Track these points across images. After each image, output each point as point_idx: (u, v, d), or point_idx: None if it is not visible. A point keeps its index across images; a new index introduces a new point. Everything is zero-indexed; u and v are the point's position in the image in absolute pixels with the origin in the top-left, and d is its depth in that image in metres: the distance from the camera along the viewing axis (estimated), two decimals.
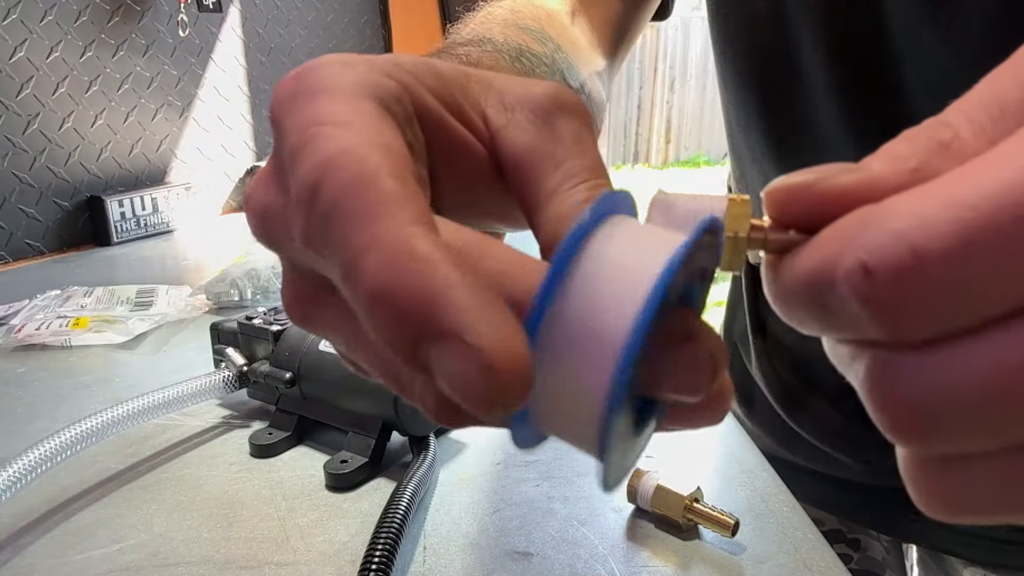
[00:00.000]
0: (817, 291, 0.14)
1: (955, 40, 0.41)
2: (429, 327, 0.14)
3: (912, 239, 0.13)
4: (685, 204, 0.17)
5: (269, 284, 0.82)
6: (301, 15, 1.46)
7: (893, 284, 0.13)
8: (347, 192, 0.15)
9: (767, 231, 0.16)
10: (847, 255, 0.13)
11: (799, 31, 0.47)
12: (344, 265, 0.15)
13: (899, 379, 0.14)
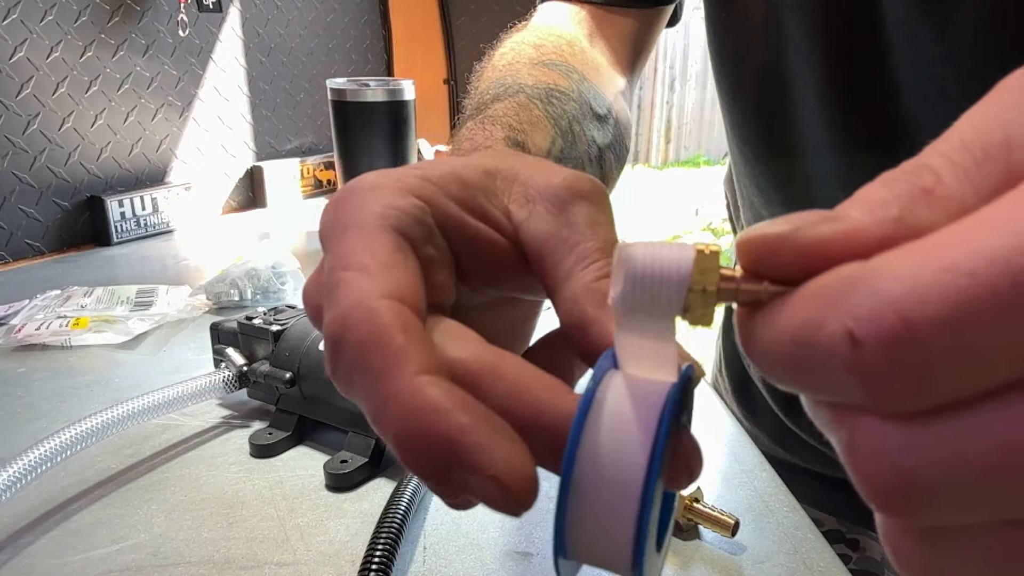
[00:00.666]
0: (798, 353, 0.14)
1: (950, 40, 0.41)
2: (451, 464, 0.16)
3: (904, 306, 0.12)
4: (649, 262, 0.16)
5: (269, 284, 0.82)
6: (301, 15, 1.46)
7: (883, 355, 0.12)
8: (363, 349, 0.18)
9: (738, 282, 0.15)
10: (832, 319, 0.13)
11: (794, 33, 0.48)
12: (371, 412, 0.18)
13: (887, 450, 0.13)
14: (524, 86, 0.41)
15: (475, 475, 0.16)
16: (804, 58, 0.48)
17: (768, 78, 0.51)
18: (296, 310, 0.58)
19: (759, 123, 0.54)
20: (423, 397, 0.17)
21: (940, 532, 0.14)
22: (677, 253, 0.16)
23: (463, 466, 0.16)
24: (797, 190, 0.53)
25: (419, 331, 0.18)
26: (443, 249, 0.22)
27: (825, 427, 0.15)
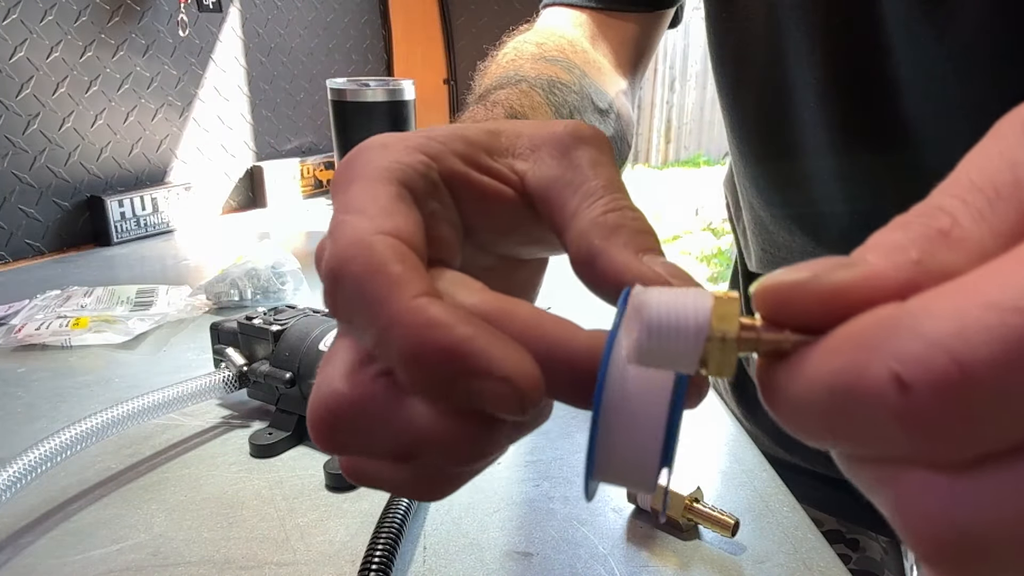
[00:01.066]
0: (837, 402, 0.13)
1: (950, 41, 0.41)
2: (458, 372, 0.17)
3: (953, 347, 0.11)
4: (664, 310, 0.15)
5: (269, 284, 0.82)
6: (301, 15, 1.46)
7: (934, 400, 0.11)
8: (362, 280, 0.18)
9: (759, 331, 0.15)
10: (875, 364, 0.12)
11: (794, 34, 0.48)
12: (375, 338, 0.18)
13: (942, 507, 0.12)
14: (526, 77, 0.41)
15: (482, 379, 0.17)
16: (804, 58, 0.48)
17: (768, 78, 0.51)
18: (296, 310, 0.58)
19: (759, 123, 0.54)
20: (425, 314, 0.17)
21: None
22: (694, 300, 0.15)
23: (470, 372, 0.17)
24: (797, 190, 0.53)
25: (416, 263, 0.19)
26: (448, 206, 0.22)
27: (866, 487, 0.14)
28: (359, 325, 0.18)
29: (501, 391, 0.17)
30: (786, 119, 0.51)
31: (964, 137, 0.48)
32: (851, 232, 0.52)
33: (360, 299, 0.18)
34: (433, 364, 0.17)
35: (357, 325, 0.18)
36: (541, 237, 0.24)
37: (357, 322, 0.18)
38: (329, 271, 0.19)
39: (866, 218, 0.50)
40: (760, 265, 0.61)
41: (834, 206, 0.51)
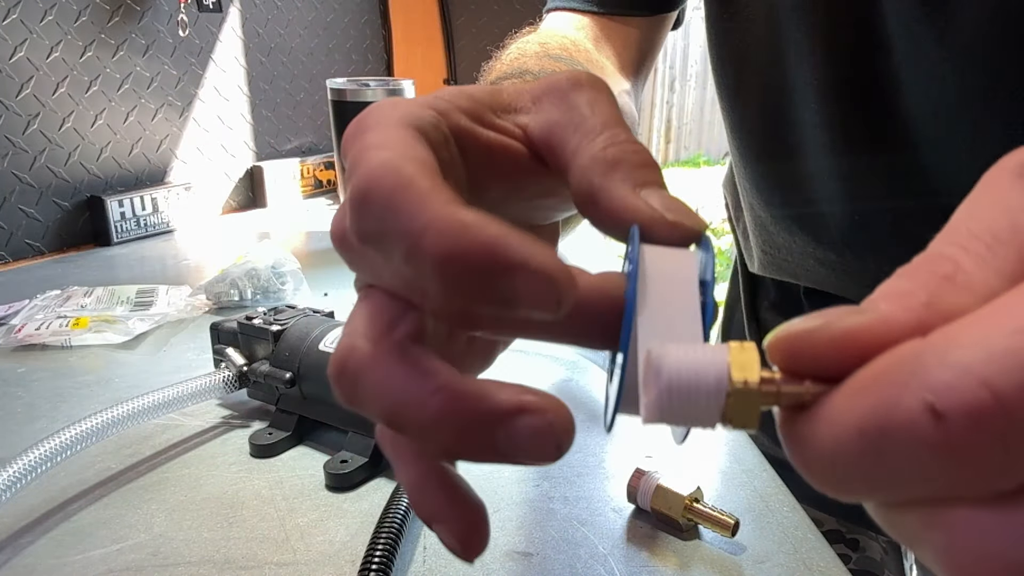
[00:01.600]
0: (869, 444, 0.13)
1: (950, 41, 0.41)
2: (497, 268, 0.16)
3: (983, 374, 0.11)
4: (682, 369, 0.15)
5: (269, 284, 0.82)
6: (301, 15, 1.46)
7: (971, 428, 0.11)
8: (393, 194, 0.18)
9: (779, 383, 0.15)
10: (906, 398, 0.12)
11: (795, 34, 0.48)
12: (407, 249, 0.17)
13: (995, 545, 0.12)
14: (530, 70, 0.41)
15: (518, 273, 0.16)
16: (805, 59, 0.48)
17: (768, 79, 0.51)
18: (296, 310, 0.58)
19: (759, 124, 0.54)
20: (459, 218, 0.17)
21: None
22: (712, 357, 0.15)
23: (506, 267, 0.16)
24: (797, 191, 0.53)
25: (442, 182, 0.18)
26: (457, 162, 0.23)
27: (909, 536, 0.14)
28: (389, 243, 0.18)
29: (537, 284, 0.17)
30: (786, 119, 0.51)
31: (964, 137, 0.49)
32: (851, 232, 0.52)
33: (391, 212, 0.18)
34: (469, 263, 0.16)
35: (386, 244, 0.18)
36: (551, 189, 0.24)
37: (387, 240, 0.18)
38: (358, 192, 0.18)
39: (866, 218, 0.50)
40: (760, 266, 0.61)
41: (834, 206, 0.51)
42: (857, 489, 0.14)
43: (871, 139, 0.47)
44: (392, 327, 0.19)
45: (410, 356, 0.18)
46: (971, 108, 0.42)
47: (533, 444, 0.17)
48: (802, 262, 0.56)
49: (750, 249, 0.62)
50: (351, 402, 0.19)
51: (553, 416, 0.17)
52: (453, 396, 0.17)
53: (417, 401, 0.18)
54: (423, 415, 0.18)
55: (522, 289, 0.17)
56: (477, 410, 0.17)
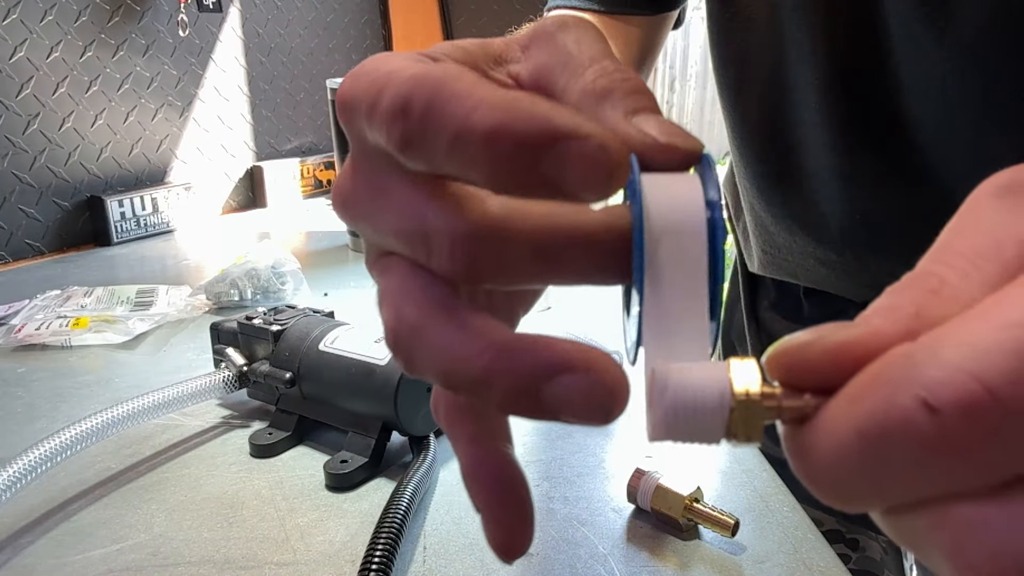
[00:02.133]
0: (869, 446, 0.13)
1: (950, 42, 0.41)
2: (547, 137, 0.16)
3: (973, 368, 0.12)
4: (684, 387, 0.16)
5: (269, 284, 0.82)
6: (301, 15, 1.46)
7: (965, 420, 0.12)
8: (440, 88, 0.17)
9: (779, 398, 0.15)
10: (901, 396, 0.12)
11: (796, 34, 0.48)
12: (454, 132, 0.16)
13: (998, 531, 0.12)
14: None
15: (572, 142, 0.16)
16: (806, 59, 0.48)
17: (770, 79, 0.51)
18: (296, 310, 0.58)
19: (761, 123, 0.54)
20: (511, 93, 0.17)
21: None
22: (713, 374, 0.16)
23: (559, 136, 0.16)
24: (798, 190, 0.53)
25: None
26: None
27: (917, 543, 0.14)
28: (433, 135, 0.17)
29: (590, 154, 0.16)
30: (788, 119, 0.51)
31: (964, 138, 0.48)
32: (852, 232, 0.52)
33: (438, 103, 0.17)
34: (520, 135, 0.16)
35: (430, 138, 0.17)
36: None
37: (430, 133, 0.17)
38: (398, 100, 0.17)
39: (867, 218, 0.50)
40: (760, 266, 0.61)
41: (835, 206, 0.51)
42: (862, 495, 0.14)
43: (872, 139, 0.47)
44: (431, 287, 0.19)
45: (457, 315, 0.18)
46: (970, 108, 0.42)
47: (578, 404, 0.16)
48: (802, 262, 0.56)
49: (750, 249, 0.62)
50: (410, 369, 0.19)
51: (598, 376, 0.16)
52: (500, 353, 0.17)
53: (467, 360, 0.17)
54: (473, 373, 0.17)
55: (573, 160, 0.16)
56: (523, 367, 0.17)
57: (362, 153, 0.20)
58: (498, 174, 0.17)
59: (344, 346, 0.52)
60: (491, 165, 0.16)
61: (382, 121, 0.18)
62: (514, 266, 0.18)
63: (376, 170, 0.20)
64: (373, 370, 0.49)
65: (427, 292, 0.19)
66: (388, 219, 0.19)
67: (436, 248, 0.18)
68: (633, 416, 0.56)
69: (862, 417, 0.13)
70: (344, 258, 1.01)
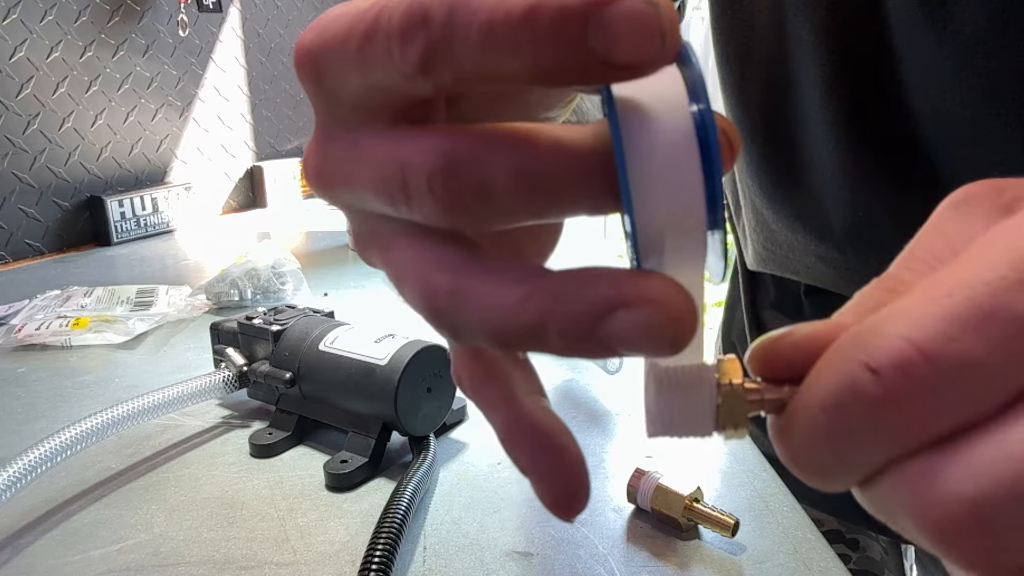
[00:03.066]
0: (831, 420, 0.15)
1: (951, 41, 0.41)
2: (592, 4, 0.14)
3: (906, 334, 0.14)
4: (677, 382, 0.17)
5: (269, 284, 0.82)
6: (301, 15, 1.46)
7: (902, 378, 0.13)
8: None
9: (762, 391, 0.17)
10: (849, 366, 0.14)
11: (799, 31, 0.48)
12: (487, 21, 0.15)
13: (945, 484, 0.13)
14: None
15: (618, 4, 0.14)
16: (809, 56, 0.48)
17: (773, 76, 0.51)
18: (296, 310, 0.58)
19: (763, 120, 0.54)
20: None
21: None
22: (701, 372, 0.17)
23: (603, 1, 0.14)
24: (800, 188, 0.53)
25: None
26: None
27: (888, 509, 0.15)
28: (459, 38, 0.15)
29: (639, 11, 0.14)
30: (790, 116, 0.51)
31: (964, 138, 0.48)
32: (854, 230, 0.52)
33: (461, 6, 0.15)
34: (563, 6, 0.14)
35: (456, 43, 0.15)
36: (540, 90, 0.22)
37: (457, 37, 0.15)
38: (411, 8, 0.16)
39: (869, 216, 0.50)
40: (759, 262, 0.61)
41: (837, 203, 0.51)
42: (836, 468, 0.15)
43: (875, 137, 0.47)
44: (450, 248, 0.17)
45: (490, 268, 0.17)
46: (970, 109, 0.42)
47: (640, 339, 0.15)
48: (803, 259, 0.56)
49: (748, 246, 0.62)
50: (458, 337, 0.18)
51: (655, 309, 0.15)
52: (548, 297, 0.16)
53: (515, 311, 0.16)
54: (525, 324, 0.16)
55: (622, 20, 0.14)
56: (574, 309, 0.16)
57: (333, 114, 0.19)
58: (542, 57, 0.15)
59: (344, 346, 0.52)
60: (534, 47, 0.15)
61: (390, 46, 0.16)
62: (498, 197, 0.16)
63: (349, 128, 0.18)
64: (373, 370, 0.49)
65: (450, 252, 0.17)
66: (365, 175, 0.18)
67: (414, 188, 0.17)
68: (632, 416, 0.56)
69: (822, 393, 0.15)
70: (344, 258, 1.01)
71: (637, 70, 0.15)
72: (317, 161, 0.19)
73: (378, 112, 0.18)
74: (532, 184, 0.16)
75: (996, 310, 0.13)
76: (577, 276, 0.16)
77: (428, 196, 0.17)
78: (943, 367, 0.13)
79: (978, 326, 0.13)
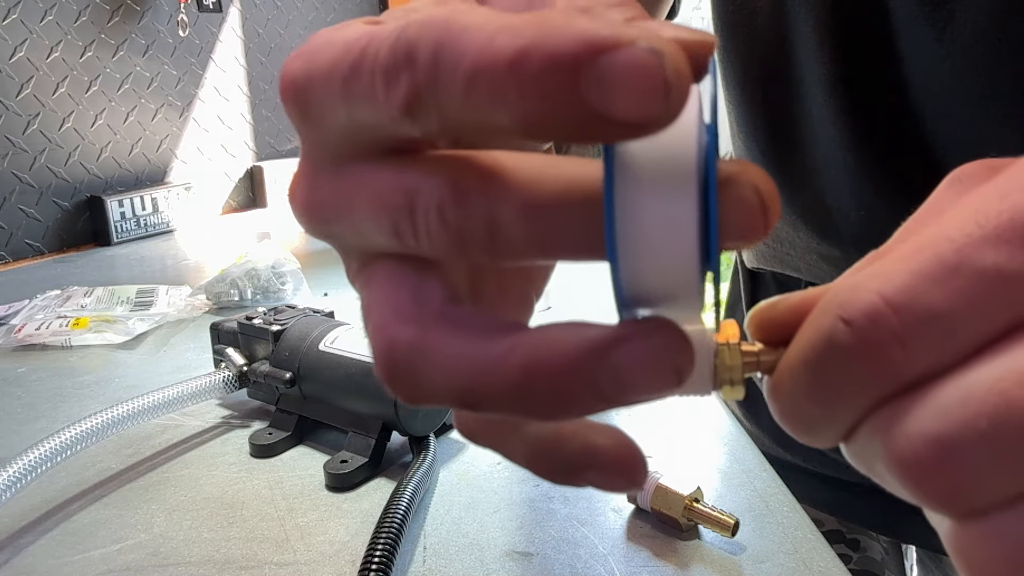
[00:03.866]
0: (813, 373, 0.15)
1: (949, 41, 0.41)
2: (585, 49, 0.13)
3: (876, 287, 0.15)
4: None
5: (269, 284, 0.82)
6: (301, 15, 1.46)
7: (871, 327, 0.14)
8: (449, 23, 0.14)
9: (759, 354, 0.18)
10: (827, 319, 0.15)
11: (802, 28, 0.48)
12: (472, 66, 0.14)
13: (913, 426, 0.14)
14: None
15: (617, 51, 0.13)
16: (812, 53, 0.48)
17: (775, 73, 0.51)
18: (296, 310, 0.58)
19: (766, 118, 0.54)
20: (537, 13, 0.14)
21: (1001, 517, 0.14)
22: (701, 338, 0.17)
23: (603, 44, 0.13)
24: (803, 186, 0.53)
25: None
26: None
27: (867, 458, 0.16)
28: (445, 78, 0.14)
29: (640, 62, 0.13)
30: (793, 113, 0.51)
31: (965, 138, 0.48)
32: (856, 228, 0.52)
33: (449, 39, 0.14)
34: (554, 53, 0.13)
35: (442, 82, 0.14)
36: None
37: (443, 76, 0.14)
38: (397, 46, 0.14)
39: (871, 214, 0.50)
40: (760, 259, 0.61)
41: (840, 201, 0.51)
42: (820, 420, 0.16)
43: (877, 135, 0.47)
44: (423, 296, 0.16)
45: (463, 322, 0.16)
46: (972, 107, 0.42)
47: (645, 377, 0.15)
48: (805, 256, 0.56)
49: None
50: (415, 399, 0.16)
51: (659, 338, 0.15)
52: (533, 348, 0.15)
53: (492, 369, 0.15)
54: (506, 382, 0.15)
55: (620, 71, 0.13)
56: (568, 355, 0.14)
57: (322, 146, 0.18)
58: (530, 108, 0.13)
59: (344, 346, 0.52)
60: (520, 97, 0.13)
61: (375, 84, 0.15)
62: (506, 232, 0.15)
63: (341, 159, 0.17)
64: (373, 370, 0.49)
65: (420, 301, 0.16)
66: (364, 209, 0.17)
67: (421, 220, 0.16)
68: (632, 415, 0.56)
69: (803, 347, 0.16)
70: None
71: (637, 129, 0.14)
72: (306, 194, 0.18)
73: (371, 144, 0.17)
74: (540, 223, 0.15)
75: (960, 264, 0.14)
76: (564, 326, 0.15)
77: (437, 227, 0.16)
78: (909, 318, 0.14)
79: (943, 280, 0.14)
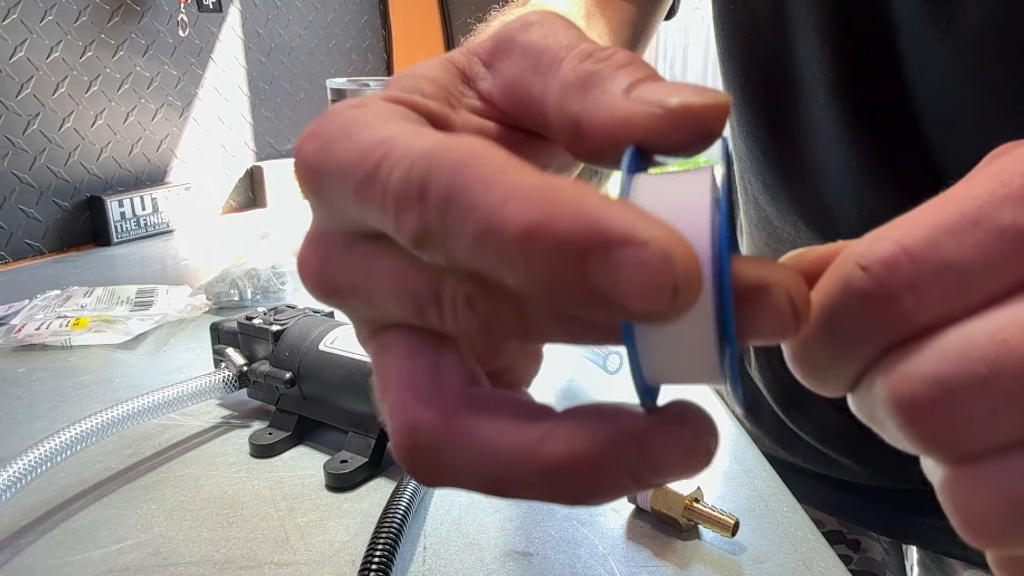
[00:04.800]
0: (830, 321, 0.16)
1: (952, 41, 0.41)
2: (596, 241, 0.13)
3: (894, 237, 0.15)
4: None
5: (269, 284, 0.82)
6: (301, 15, 1.46)
7: (887, 273, 0.15)
8: (463, 166, 0.14)
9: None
10: (846, 267, 0.15)
11: (803, 27, 0.47)
12: (481, 228, 0.14)
13: (919, 366, 0.14)
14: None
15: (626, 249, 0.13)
16: (813, 53, 0.47)
17: (776, 73, 0.51)
18: (296, 310, 0.58)
19: (767, 117, 0.54)
20: (549, 181, 0.14)
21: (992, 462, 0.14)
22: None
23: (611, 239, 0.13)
24: (804, 186, 0.53)
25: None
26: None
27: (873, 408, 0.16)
28: (453, 231, 0.14)
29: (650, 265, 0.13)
30: (794, 113, 0.51)
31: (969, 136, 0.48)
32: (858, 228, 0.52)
33: (460, 190, 0.14)
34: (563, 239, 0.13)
35: (451, 233, 0.14)
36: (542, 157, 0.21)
37: (451, 228, 0.14)
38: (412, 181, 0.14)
39: (873, 214, 0.50)
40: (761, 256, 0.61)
41: (842, 201, 0.51)
42: (829, 365, 0.16)
43: (879, 134, 0.47)
44: (442, 374, 0.16)
45: (489, 407, 0.15)
46: (974, 108, 0.42)
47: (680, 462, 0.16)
48: None
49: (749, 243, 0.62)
50: (435, 482, 0.16)
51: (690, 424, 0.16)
52: (567, 437, 0.15)
53: (524, 459, 0.15)
54: (539, 472, 0.15)
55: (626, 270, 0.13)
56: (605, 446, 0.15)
57: (334, 224, 0.17)
58: (534, 283, 0.14)
59: (344, 346, 0.52)
60: (527, 271, 0.13)
61: (388, 206, 0.15)
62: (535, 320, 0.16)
63: (354, 239, 0.17)
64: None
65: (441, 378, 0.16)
66: (383, 290, 0.17)
67: (448, 307, 0.16)
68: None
69: (821, 292, 0.16)
70: None
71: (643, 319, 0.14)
72: (318, 267, 0.18)
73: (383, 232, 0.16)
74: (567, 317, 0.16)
75: (980, 220, 0.14)
76: (595, 411, 0.15)
77: (466, 313, 0.16)
78: (925, 267, 0.14)
79: (962, 233, 0.14)
